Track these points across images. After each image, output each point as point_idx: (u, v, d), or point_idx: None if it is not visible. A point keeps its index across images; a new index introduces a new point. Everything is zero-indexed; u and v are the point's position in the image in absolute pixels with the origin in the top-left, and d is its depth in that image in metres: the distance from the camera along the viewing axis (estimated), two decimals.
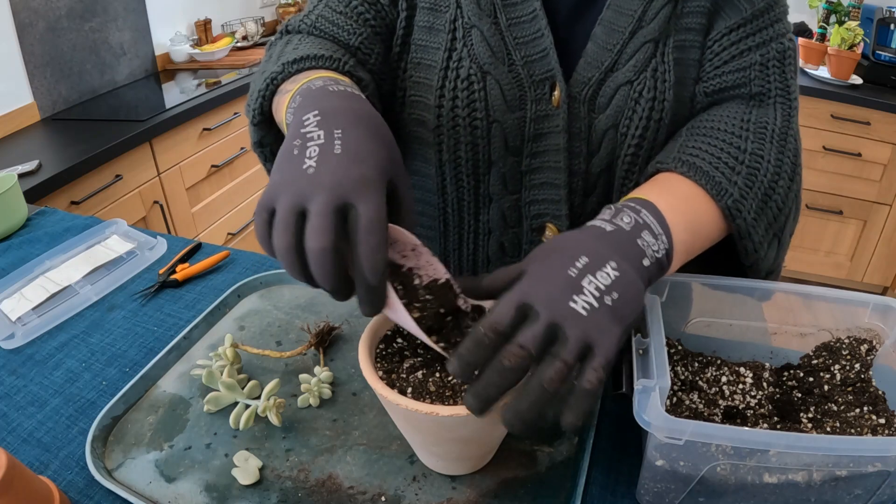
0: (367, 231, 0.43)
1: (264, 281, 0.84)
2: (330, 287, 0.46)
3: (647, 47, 0.66)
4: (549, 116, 0.69)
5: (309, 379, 0.65)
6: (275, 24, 3.22)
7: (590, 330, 0.45)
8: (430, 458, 0.57)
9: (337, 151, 0.45)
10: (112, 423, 0.63)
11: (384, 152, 0.47)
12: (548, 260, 0.49)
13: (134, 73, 2.48)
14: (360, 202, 0.44)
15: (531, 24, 0.67)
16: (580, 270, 0.47)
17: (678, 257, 0.55)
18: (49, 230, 1.01)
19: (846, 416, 0.55)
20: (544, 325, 0.44)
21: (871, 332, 0.60)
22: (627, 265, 0.49)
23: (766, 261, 0.64)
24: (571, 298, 0.46)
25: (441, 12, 0.70)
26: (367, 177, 0.45)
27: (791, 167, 0.64)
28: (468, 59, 0.69)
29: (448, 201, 0.78)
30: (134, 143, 1.88)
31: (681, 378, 0.59)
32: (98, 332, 0.77)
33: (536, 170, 0.72)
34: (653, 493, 0.51)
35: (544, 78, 0.68)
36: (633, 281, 0.48)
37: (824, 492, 0.47)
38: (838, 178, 2.41)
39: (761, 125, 0.64)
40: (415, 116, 0.74)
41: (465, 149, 0.72)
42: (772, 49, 0.66)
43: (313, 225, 0.43)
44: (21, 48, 2.00)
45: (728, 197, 0.59)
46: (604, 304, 0.46)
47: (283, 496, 0.55)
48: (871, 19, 2.35)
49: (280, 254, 0.45)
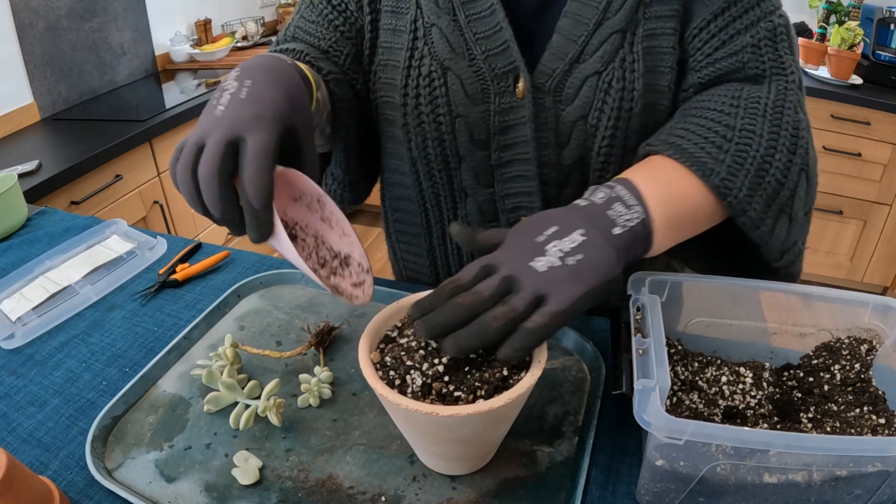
0: (251, 159, 0.48)
1: (264, 281, 0.84)
2: (220, 213, 0.50)
3: (614, 38, 0.66)
4: (514, 108, 0.70)
5: (309, 379, 0.65)
6: (275, 24, 3.22)
7: (545, 283, 0.49)
8: (430, 458, 0.57)
9: (242, 97, 0.51)
10: (112, 423, 0.63)
11: (285, 99, 0.52)
12: (522, 231, 0.54)
13: (134, 73, 2.48)
14: (250, 135, 0.49)
15: (490, 18, 0.68)
16: (547, 237, 0.52)
17: (661, 229, 0.56)
18: (49, 230, 1.01)
19: (846, 416, 0.55)
20: (501, 277, 0.50)
21: (871, 332, 0.60)
22: (596, 232, 0.52)
23: (774, 238, 0.63)
24: (533, 259, 0.50)
25: (403, 14, 0.73)
26: (261, 115, 0.50)
27: (790, 140, 0.62)
28: (429, 56, 0.71)
29: (426, 198, 0.80)
30: (134, 143, 1.88)
31: (681, 378, 0.59)
32: (98, 332, 0.77)
33: (507, 163, 0.73)
34: (653, 493, 0.51)
35: (507, 70, 0.69)
36: (600, 245, 0.51)
37: (824, 492, 0.47)
38: (838, 178, 2.41)
39: (753, 100, 0.64)
40: (386, 116, 0.77)
41: (433, 145, 0.73)
42: (761, 28, 0.66)
43: (205, 154, 0.49)
44: (21, 48, 2.00)
45: (715, 176, 0.59)
46: (565, 264, 0.50)
47: (283, 496, 0.55)
48: (871, 19, 2.35)
49: (179, 183, 0.50)
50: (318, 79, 0.68)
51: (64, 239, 0.97)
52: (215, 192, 0.49)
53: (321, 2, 0.76)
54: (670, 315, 0.63)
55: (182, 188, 0.51)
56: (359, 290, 0.57)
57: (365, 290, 0.57)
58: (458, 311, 0.48)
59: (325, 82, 0.70)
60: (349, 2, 0.75)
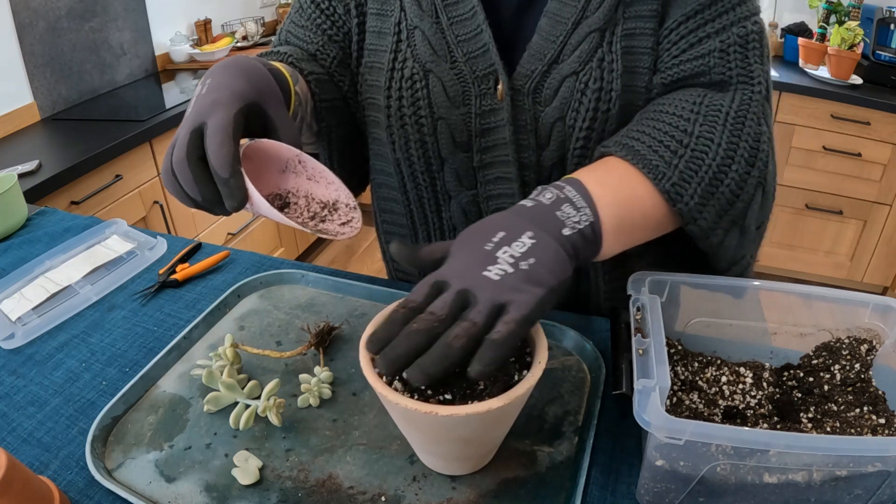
0: (211, 136, 0.52)
1: (264, 281, 0.84)
2: (198, 194, 0.53)
3: (593, 37, 0.65)
4: (494, 111, 0.70)
5: (309, 379, 0.65)
6: (275, 24, 3.22)
7: (502, 292, 0.47)
8: (429, 458, 0.57)
9: (202, 92, 0.56)
10: (112, 423, 0.63)
11: (241, 83, 0.56)
12: (467, 240, 0.52)
13: (134, 73, 2.48)
14: (209, 118, 0.53)
15: (471, 20, 0.68)
16: (496, 244, 0.50)
17: (610, 232, 0.55)
18: (49, 230, 1.01)
19: (846, 416, 0.55)
20: (454, 292, 0.47)
21: (871, 332, 0.60)
22: (545, 234, 0.51)
23: (724, 249, 0.63)
24: (485, 268, 0.48)
25: (387, 16, 0.73)
26: (217, 100, 0.54)
27: (749, 152, 0.61)
28: (411, 59, 0.71)
29: (410, 199, 0.80)
30: (134, 143, 1.88)
31: (681, 378, 0.59)
32: (98, 332, 0.77)
33: (488, 165, 0.73)
34: (653, 493, 0.51)
35: (487, 73, 0.69)
36: (551, 247, 0.50)
37: (824, 492, 0.47)
38: (838, 178, 2.41)
39: (714, 108, 0.62)
40: (371, 118, 0.77)
41: (416, 147, 0.74)
42: (732, 34, 0.64)
43: (176, 146, 0.54)
44: (21, 48, 2.00)
45: (666, 181, 0.58)
46: (519, 269, 0.48)
47: (283, 496, 0.55)
48: (871, 19, 2.35)
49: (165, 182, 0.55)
50: (295, 74, 0.69)
51: (64, 239, 0.97)
52: (188, 175, 0.53)
53: (310, 6, 0.77)
54: (670, 315, 0.63)
55: (167, 185, 0.55)
56: (346, 227, 0.62)
57: (353, 224, 0.62)
58: (417, 337, 0.45)
59: (308, 82, 0.71)
60: (337, 5, 0.75)
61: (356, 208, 0.63)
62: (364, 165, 0.87)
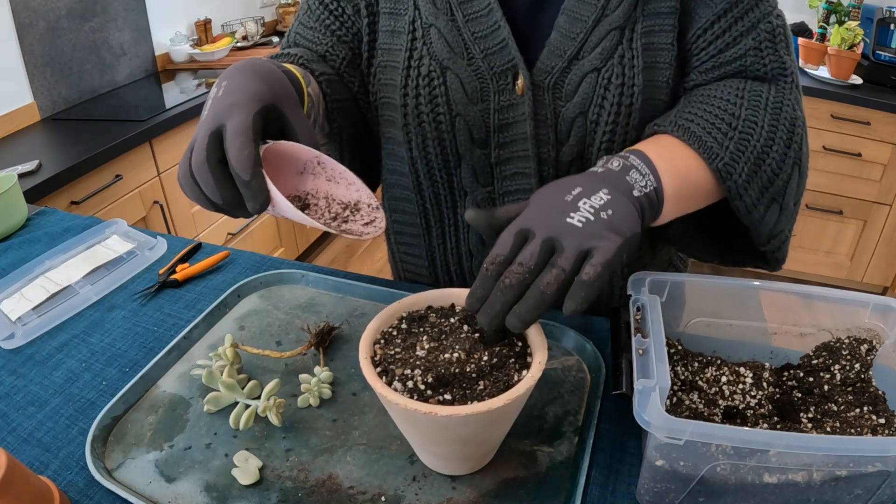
0: (230, 138, 0.52)
1: (264, 281, 0.84)
2: (219, 197, 0.53)
3: (613, 35, 0.67)
4: (513, 106, 0.71)
5: (309, 379, 0.65)
6: (275, 24, 3.22)
7: (587, 238, 0.50)
8: (429, 458, 0.57)
9: (220, 95, 0.55)
10: (112, 423, 0.63)
11: (258, 85, 0.56)
12: (545, 194, 0.55)
13: (134, 73, 2.48)
14: (228, 120, 0.53)
15: (488, 17, 0.69)
16: (575, 196, 0.53)
17: (670, 200, 0.59)
18: (49, 230, 1.01)
19: (846, 416, 0.55)
20: (541, 241, 0.50)
21: (871, 332, 0.60)
22: (619, 193, 0.54)
23: (765, 224, 0.67)
24: (568, 216, 0.51)
25: (401, 15, 0.73)
26: (235, 102, 0.54)
27: (787, 134, 0.66)
28: (428, 56, 0.71)
29: (426, 197, 0.81)
30: (134, 143, 1.88)
31: (681, 378, 0.59)
32: (98, 332, 0.77)
33: (506, 161, 0.74)
34: (653, 493, 0.51)
35: (506, 69, 0.69)
36: (626, 203, 0.54)
37: (824, 492, 0.47)
38: (838, 178, 2.41)
39: (755, 94, 0.67)
40: (386, 118, 0.78)
41: (433, 144, 0.74)
42: (761, 31, 0.68)
43: (194, 149, 0.53)
44: (21, 48, 2.00)
45: (719, 160, 0.62)
46: (600, 218, 0.52)
47: (283, 496, 0.55)
48: (871, 19, 2.35)
49: (183, 186, 0.54)
50: (307, 75, 0.69)
51: (64, 239, 0.97)
52: (209, 178, 0.52)
53: (318, 7, 0.77)
54: (670, 315, 0.63)
55: (186, 189, 0.54)
56: (370, 227, 0.62)
57: (377, 224, 0.62)
58: (511, 291, 0.49)
59: (319, 83, 0.72)
60: (346, 6, 0.76)
61: (379, 208, 0.63)
62: (374, 166, 0.87)
